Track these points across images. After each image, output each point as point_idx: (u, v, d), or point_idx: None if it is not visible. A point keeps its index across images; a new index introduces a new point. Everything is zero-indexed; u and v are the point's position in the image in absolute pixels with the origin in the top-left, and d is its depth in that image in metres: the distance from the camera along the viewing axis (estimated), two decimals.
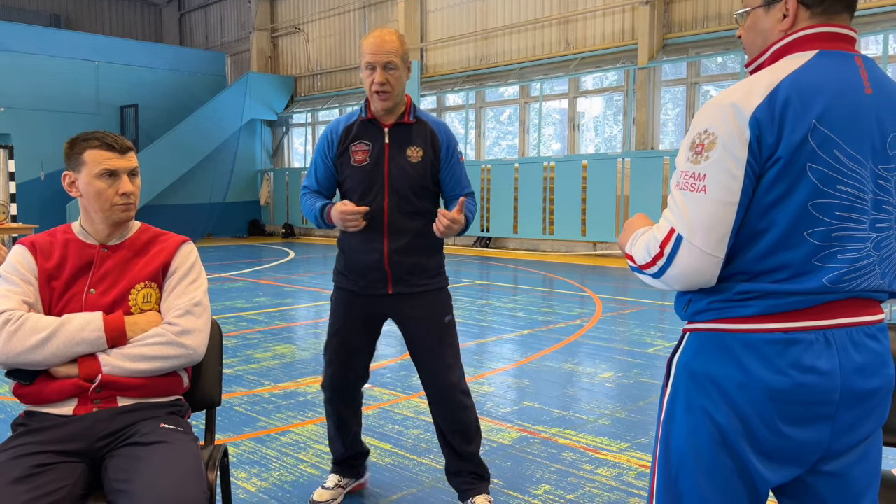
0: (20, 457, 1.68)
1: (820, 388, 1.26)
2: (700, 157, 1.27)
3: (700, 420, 1.33)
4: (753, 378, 1.27)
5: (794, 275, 1.27)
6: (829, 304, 1.28)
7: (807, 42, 1.31)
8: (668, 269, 1.30)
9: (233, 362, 5.07)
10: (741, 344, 1.29)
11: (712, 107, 1.29)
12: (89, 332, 1.82)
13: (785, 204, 1.25)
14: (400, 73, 2.44)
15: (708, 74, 11.90)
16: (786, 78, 1.26)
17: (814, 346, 1.27)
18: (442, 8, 15.21)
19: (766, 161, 1.25)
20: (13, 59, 15.13)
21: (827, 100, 1.25)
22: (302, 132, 19.07)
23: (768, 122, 1.23)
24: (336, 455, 2.83)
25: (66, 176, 1.96)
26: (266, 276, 10.15)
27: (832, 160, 1.24)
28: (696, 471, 1.34)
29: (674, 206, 1.30)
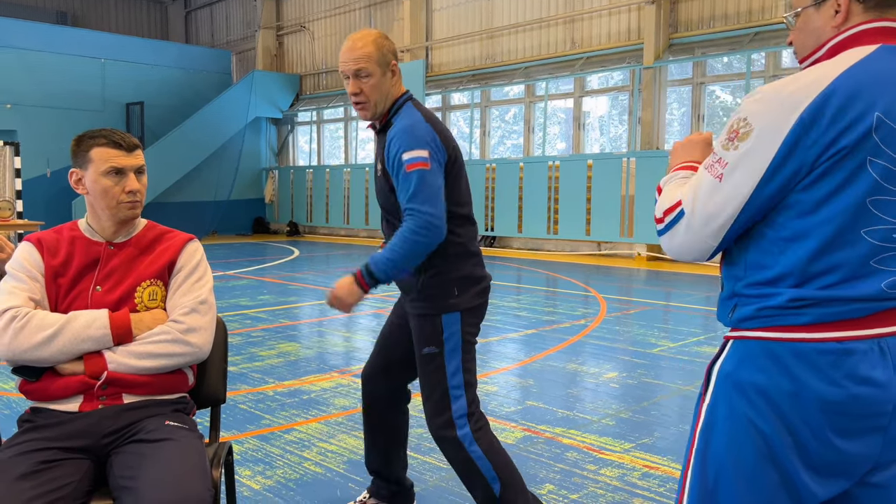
0: (26, 453, 1.69)
1: (874, 400, 1.22)
2: (730, 145, 1.25)
3: (744, 430, 1.27)
4: (805, 389, 1.22)
5: (850, 277, 1.21)
6: (886, 311, 1.23)
7: (867, 36, 1.26)
8: (663, 234, 1.32)
9: (237, 360, 5.07)
10: (792, 353, 1.23)
11: (765, 95, 1.24)
12: (95, 330, 1.82)
13: (838, 199, 1.20)
14: (375, 81, 2.21)
15: (714, 74, 11.86)
16: (845, 71, 1.21)
17: (868, 355, 1.22)
18: (447, 7, 15.20)
19: (812, 160, 1.20)
20: (19, 57, 15.18)
21: (892, 94, 1.19)
22: (307, 130, 19.08)
23: (818, 122, 1.19)
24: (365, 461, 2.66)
25: (73, 173, 1.97)
26: (270, 274, 10.16)
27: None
28: (738, 483, 1.28)
29: (694, 182, 1.29)
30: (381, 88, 2.24)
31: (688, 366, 4.94)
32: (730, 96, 12.18)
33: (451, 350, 2.29)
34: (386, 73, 2.24)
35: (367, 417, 2.60)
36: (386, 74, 2.24)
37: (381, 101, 2.26)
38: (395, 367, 2.53)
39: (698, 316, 6.92)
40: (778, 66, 11.06)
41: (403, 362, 2.51)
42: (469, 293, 2.30)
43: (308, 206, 18.13)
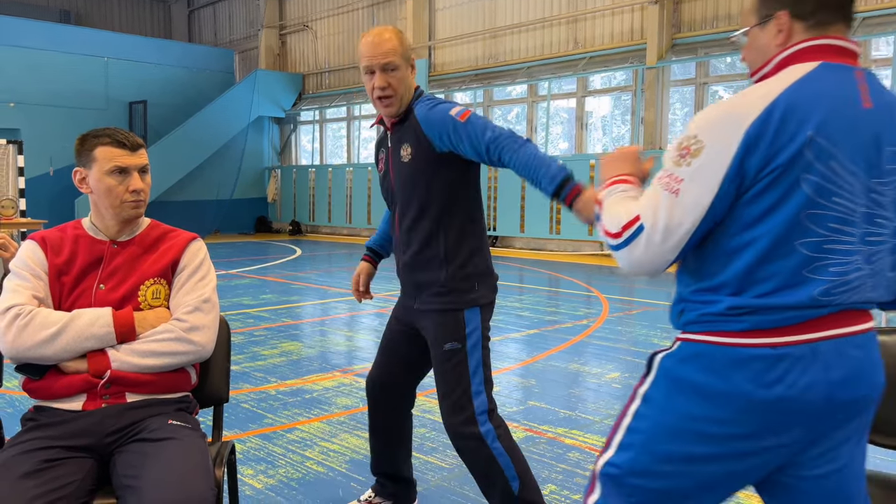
0: (29, 451, 1.69)
1: (804, 400, 1.29)
2: (683, 161, 1.29)
3: (672, 420, 1.36)
4: (738, 391, 1.30)
5: (784, 286, 1.28)
6: (820, 318, 1.29)
7: (809, 53, 1.33)
8: (622, 249, 1.34)
9: (240, 359, 5.08)
10: (728, 357, 1.31)
11: (711, 114, 1.30)
12: (99, 328, 1.83)
13: (776, 214, 1.26)
14: (402, 74, 2.20)
15: (717, 74, 11.85)
16: (786, 89, 1.27)
17: (801, 360, 1.29)
18: (450, 6, 15.19)
19: (755, 174, 1.26)
20: (23, 55, 15.20)
21: (825, 111, 1.26)
22: (310, 129, 19.09)
23: (762, 137, 1.25)
24: (371, 465, 2.67)
25: (77, 172, 1.97)
26: (273, 273, 10.17)
27: (828, 171, 1.25)
28: (658, 465, 1.36)
29: (650, 197, 1.33)
30: (406, 82, 2.23)
31: None
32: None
33: (473, 346, 2.27)
34: (408, 66, 2.24)
35: (373, 423, 2.59)
36: (408, 69, 2.24)
37: (406, 96, 2.25)
38: (401, 371, 2.53)
39: None
40: None
41: (408, 367, 2.51)
42: (486, 288, 2.31)
43: (310, 206, 18.13)
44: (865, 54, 10.15)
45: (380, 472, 2.65)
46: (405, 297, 2.44)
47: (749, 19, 1.42)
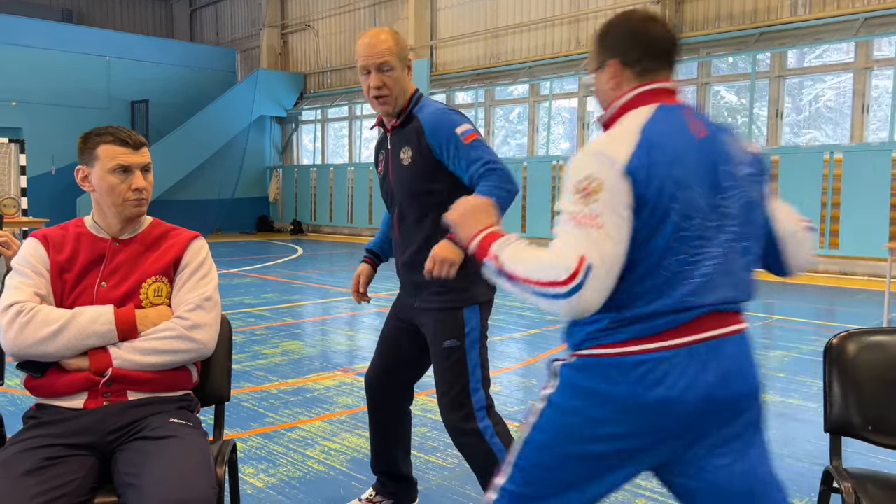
0: (31, 449, 1.69)
1: (684, 400, 1.41)
2: (589, 200, 1.39)
3: (572, 417, 1.49)
4: (625, 395, 1.42)
5: (656, 298, 1.42)
6: (693, 321, 1.43)
7: (646, 97, 1.52)
8: (574, 294, 1.35)
9: (241, 358, 5.08)
10: (615, 367, 1.43)
11: (589, 156, 1.43)
12: (100, 326, 1.83)
13: (655, 239, 1.41)
14: (397, 74, 2.24)
15: (719, 75, 11.84)
16: (643, 132, 1.44)
17: (679, 362, 1.42)
18: (452, 6, 15.19)
19: (639, 203, 1.40)
20: (25, 54, 15.21)
21: (676, 150, 1.44)
22: (311, 129, 19.09)
23: (639, 173, 1.40)
24: (371, 464, 2.68)
25: (80, 170, 1.97)
26: (274, 273, 10.17)
27: (687, 199, 1.43)
28: (564, 452, 1.50)
29: (573, 238, 1.38)
30: (402, 82, 2.27)
31: None
32: (735, 97, 12.15)
33: (472, 343, 2.30)
34: (404, 67, 2.27)
35: (373, 421, 2.60)
36: (404, 69, 2.28)
37: (402, 96, 2.28)
38: (399, 369, 2.54)
39: None
40: (783, 66, 11.03)
41: (407, 364, 2.52)
42: (484, 286, 2.31)
43: (312, 205, 18.14)
44: (867, 54, 10.15)
45: (379, 471, 2.66)
46: (405, 296, 2.45)
47: (591, 64, 1.60)
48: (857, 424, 1.93)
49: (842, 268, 10.17)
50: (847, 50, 10.46)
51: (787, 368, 4.92)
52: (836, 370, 1.96)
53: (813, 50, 10.89)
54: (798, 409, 4.01)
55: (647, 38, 1.54)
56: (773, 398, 4.24)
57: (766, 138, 11.21)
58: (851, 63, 10.35)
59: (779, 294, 8.50)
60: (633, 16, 1.58)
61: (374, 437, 2.61)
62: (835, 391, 1.95)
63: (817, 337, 6.01)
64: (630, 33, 1.54)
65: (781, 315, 7.06)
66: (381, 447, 2.60)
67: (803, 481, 3.01)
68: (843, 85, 10.77)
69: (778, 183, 10.40)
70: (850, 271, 10.09)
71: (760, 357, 5.26)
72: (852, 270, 10.08)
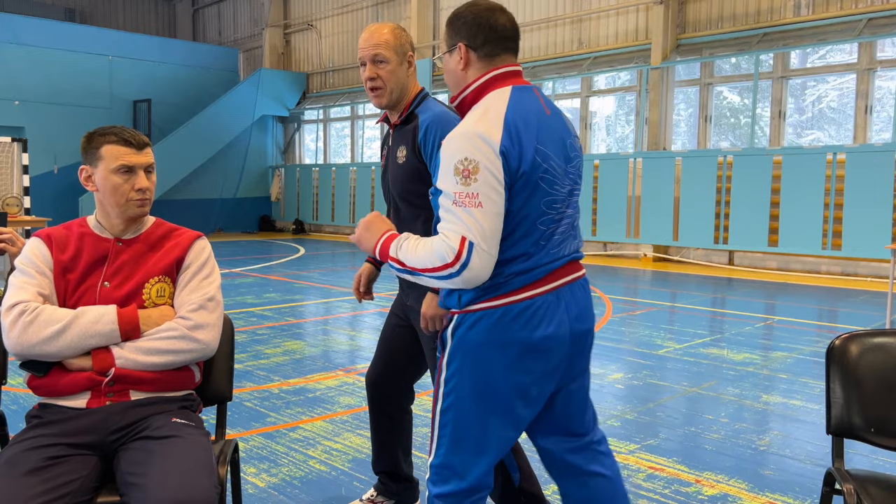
0: (34, 448, 1.70)
1: (557, 335, 1.71)
2: (469, 180, 1.58)
3: (471, 374, 1.72)
4: (516, 338, 1.68)
5: (532, 254, 1.69)
6: (554, 271, 1.72)
7: (499, 80, 1.73)
8: (463, 271, 1.59)
9: (242, 357, 5.08)
10: (503, 315, 1.68)
11: (466, 138, 1.61)
12: (103, 325, 1.83)
13: (529, 206, 1.65)
14: (392, 67, 2.27)
15: (722, 75, 11.83)
16: (507, 112, 1.64)
17: (552, 304, 1.71)
18: (455, 6, 15.14)
19: (514, 177, 1.63)
20: (28, 53, 15.23)
21: (536, 125, 1.66)
22: (313, 128, 19.10)
23: (511, 149, 1.61)
24: (372, 463, 2.69)
25: (83, 170, 1.98)
26: (276, 272, 10.18)
27: (550, 169, 1.68)
28: (479, 402, 1.73)
29: (455, 220, 1.59)
30: (398, 76, 2.29)
31: (693, 367, 4.93)
32: (737, 97, 12.14)
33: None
34: (402, 62, 2.30)
35: (374, 420, 2.61)
36: (402, 64, 2.30)
37: (397, 90, 2.30)
38: (400, 368, 2.56)
39: (704, 317, 6.90)
40: (786, 66, 11.02)
41: (408, 363, 2.54)
42: None
43: (314, 205, 18.15)
44: (870, 55, 10.14)
45: (380, 471, 2.66)
46: (401, 293, 2.48)
47: (443, 46, 1.78)
48: (859, 426, 1.93)
49: (844, 269, 10.16)
50: (850, 50, 10.45)
51: (789, 370, 4.92)
52: (838, 372, 1.96)
53: (816, 50, 10.88)
54: (800, 411, 4.01)
55: (490, 26, 1.73)
56: (776, 399, 4.24)
57: (769, 139, 11.20)
58: (854, 64, 10.34)
59: (780, 295, 8.49)
60: (482, 5, 1.76)
61: (375, 436, 2.62)
62: (837, 393, 1.95)
63: (819, 338, 6.01)
64: (474, 21, 1.73)
65: (783, 316, 7.05)
66: (383, 447, 2.61)
67: (806, 482, 3.01)
68: (847, 86, 10.76)
69: (781, 184, 10.39)
70: (853, 272, 10.07)
71: (763, 358, 5.26)
72: (854, 271, 10.07)
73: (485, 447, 1.75)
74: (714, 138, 12.00)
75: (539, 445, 1.90)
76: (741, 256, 11.24)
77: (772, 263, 10.89)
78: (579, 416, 1.87)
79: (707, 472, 3.14)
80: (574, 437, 1.88)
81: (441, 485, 1.78)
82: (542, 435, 1.88)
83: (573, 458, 1.87)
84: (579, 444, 1.88)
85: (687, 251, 11.80)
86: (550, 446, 1.88)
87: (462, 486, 1.76)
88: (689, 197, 11.25)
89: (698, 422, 3.81)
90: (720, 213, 11.02)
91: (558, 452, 1.88)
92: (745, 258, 11.21)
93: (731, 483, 3.02)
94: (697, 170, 11.15)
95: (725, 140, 12.12)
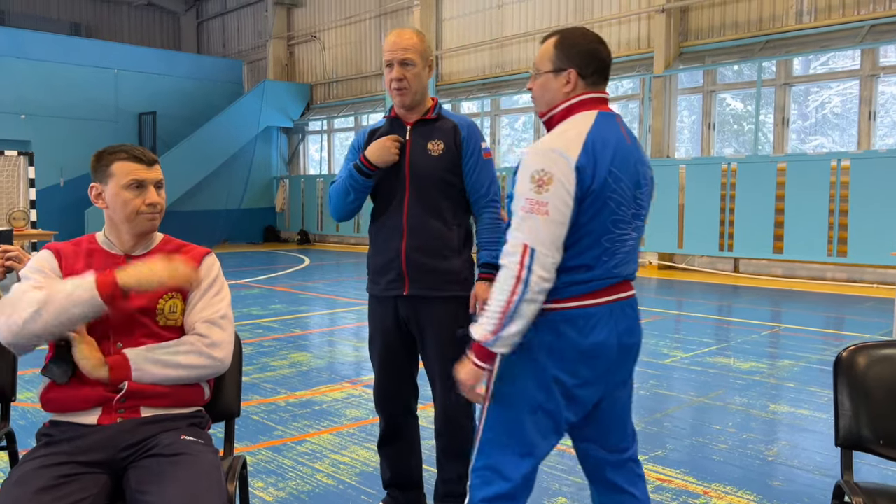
0: (45, 467, 1.70)
1: (607, 344, 1.82)
2: (542, 189, 1.73)
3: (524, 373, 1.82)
4: (569, 342, 1.79)
5: (592, 268, 1.81)
6: (610, 286, 1.84)
7: (588, 104, 1.87)
8: (531, 276, 1.70)
9: (249, 370, 5.09)
10: (561, 318, 1.80)
11: (544, 152, 1.76)
12: (82, 291, 1.77)
13: (595, 221, 1.78)
14: (418, 70, 2.41)
15: (724, 83, 11.84)
16: (589, 133, 1.78)
17: (605, 315, 1.82)
18: (457, 16, 15.26)
19: (584, 192, 1.75)
20: (34, 68, 15.34)
21: (613, 149, 1.80)
22: (318, 139, 19.17)
23: (586, 167, 1.74)
24: (382, 476, 2.72)
25: (94, 188, 1.99)
26: (281, 283, 10.20)
27: (620, 190, 1.80)
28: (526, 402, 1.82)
29: (521, 226, 1.73)
30: (421, 79, 2.44)
31: (700, 377, 4.92)
32: (740, 104, 12.15)
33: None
34: (425, 66, 2.45)
35: (387, 437, 2.65)
36: (426, 68, 2.45)
37: (420, 92, 2.45)
38: (406, 382, 2.62)
39: (710, 326, 6.88)
40: (789, 74, 11.03)
41: (410, 370, 2.62)
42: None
43: (318, 215, 18.18)
44: (873, 61, 10.14)
45: (393, 484, 2.68)
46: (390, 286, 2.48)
47: (545, 64, 1.89)
48: (867, 438, 1.92)
49: (850, 275, 10.13)
50: (853, 57, 10.45)
51: (796, 378, 4.90)
52: (845, 384, 1.96)
53: (818, 57, 10.89)
54: (808, 420, 3.99)
55: (600, 58, 1.88)
56: (783, 408, 4.22)
57: (773, 146, 11.19)
58: (857, 70, 10.34)
59: (786, 302, 8.47)
60: (590, 36, 1.90)
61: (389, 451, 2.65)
62: (845, 405, 1.95)
63: (826, 346, 5.99)
64: (589, 52, 1.87)
65: (789, 323, 7.03)
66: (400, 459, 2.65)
67: (814, 493, 3.00)
68: (850, 91, 10.76)
69: (785, 190, 10.38)
70: (859, 279, 10.04)
71: (770, 367, 5.24)
72: (860, 278, 10.04)
73: (529, 448, 1.83)
74: (718, 145, 12.00)
75: (581, 450, 2.00)
76: (746, 264, 11.22)
77: (777, 270, 10.87)
78: (621, 427, 1.96)
79: (715, 483, 3.13)
80: (616, 452, 1.96)
81: (484, 488, 1.83)
82: (586, 440, 1.97)
83: (614, 475, 1.97)
84: (621, 459, 1.97)
85: (692, 259, 11.78)
86: (592, 453, 1.97)
87: (506, 488, 1.81)
88: (693, 204, 11.25)
89: (706, 432, 3.80)
90: (725, 220, 11.00)
91: (600, 464, 1.97)
92: (750, 265, 11.19)
93: (739, 495, 3.01)
94: (701, 177, 11.15)
95: (729, 147, 12.12)
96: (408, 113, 2.49)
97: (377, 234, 2.56)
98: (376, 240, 2.56)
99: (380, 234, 2.54)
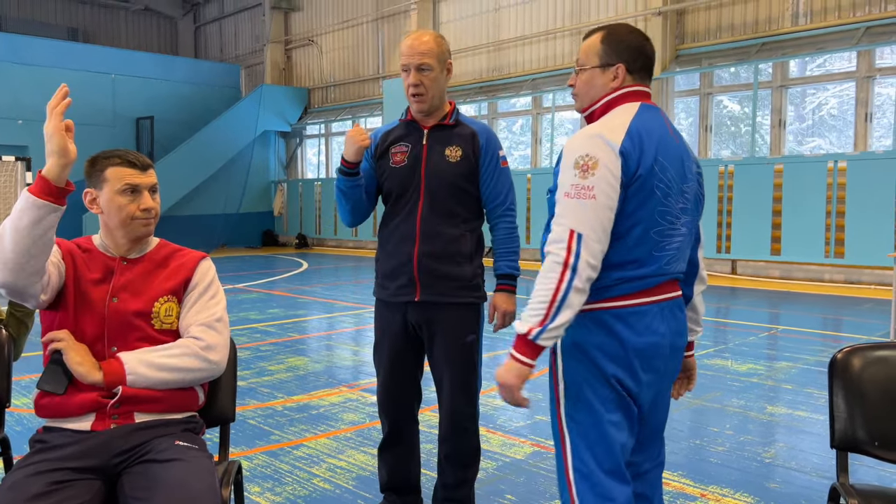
0: (38, 473, 1.70)
1: (661, 344, 1.78)
2: (587, 174, 1.67)
3: (589, 374, 1.77)
4: (623, 341, 1.74)
5: (643, 263, 1.75)
6: (661, 284, 1.79)
7: (631, 96, 1.84)
8: (578, 262, 1.64)
9: (246, 374, 5.08)
10: (613, 317, 1.74)
11: (588, 137, 1.71)
12: (25, 199, 1.79)
13: (642, 210, 1.72)
14: (435, 75, 2.38)
15: (721, 85, 11.87)
16: (632, 121, 1.74)
17: (657, 314, 1.77)
18: (455, 19, 15.28)
19: (630, 179, 1.69)
20: (31, 73, 15.34)
21: (658, 138, 1.75)
22: (315, 143, 19.18)
23: (631, 153, 1.69)
24: (380, 479, 2.71)
25: (88, 193, 1.99)
26: (279, 287, 10.19)
27: (667, 180, 1.75)
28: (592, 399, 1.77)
29: (566, 213, 1.67)
30: (439, 83, 2.41)
31: (699, 379, 4.90)
32: (737, 106, 12.17)
33: (481, 337, 2.55)
34: (443, 70, 2.42)
35: (389, 441, 2.64)
36: (443, 72, 2.42)
37: (437, 96, 2.42)
38: (412, 386, 2.61)
39: (707, 327, 6.88)
40: (785, 76, 11.05)
41: (415, 373, 2.61)
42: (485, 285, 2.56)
43: (317, 219, 18.19)
44: (869, 63, 10.16)
45: (391, 488, 2.67)
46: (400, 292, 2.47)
47: (591, 59, 1.86)
48: (863, 440, 1.92)
49: (847, 277, 10.14)
50: (849, 58, 10.48)
51: (793, 380, 4.91)
52: (840, 386, 1.96)
53: (815, 59, 10.91)
54: (806, 422, 3.99)
55: (646, 54, 1.87)
56: (781, 410, 4.22)
57: (770, 147, 11.21)
58: (854, 72, 10.37)
59: (784, 304, 8.47)
60: (637, 32, 1.89)
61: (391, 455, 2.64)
62: (840, 407, 1.95)
63: (824, 347, 5.99)
64: (637, 47, 1.85)
65: (787, 325, 7.04)
66: (400, 463, 2.64)
67: (812, 495, 3.00)
68: (846, 93, 10.78)
69: (782, 192, 10.39)
70: (856, 280, 10.05)
71: (767, 369, 5.24)
72: (858, 279, 10.05)
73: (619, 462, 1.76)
74: (715, 147, 12.02)
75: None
76: (744, 265, 11.23)
77: (774, 272, 10.88)
78: (661, 434, 1.94)
79: (713, 485, 3.13)
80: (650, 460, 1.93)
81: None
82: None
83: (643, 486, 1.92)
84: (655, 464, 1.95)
85: None
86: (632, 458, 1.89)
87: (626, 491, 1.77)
88: None
89: (703, 434, 3.80)
90: (722, 222, 11.01)
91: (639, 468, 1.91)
92: (747, 267, 11.20)
93: (736, 497, 3.00)
94: None
95: (726, 149, 12.13)
96: (425, 117, 2.47)
97: (388, 238, 2.52)
98: (387, 244, 2.52)
99: (391, 239, 2.51)
